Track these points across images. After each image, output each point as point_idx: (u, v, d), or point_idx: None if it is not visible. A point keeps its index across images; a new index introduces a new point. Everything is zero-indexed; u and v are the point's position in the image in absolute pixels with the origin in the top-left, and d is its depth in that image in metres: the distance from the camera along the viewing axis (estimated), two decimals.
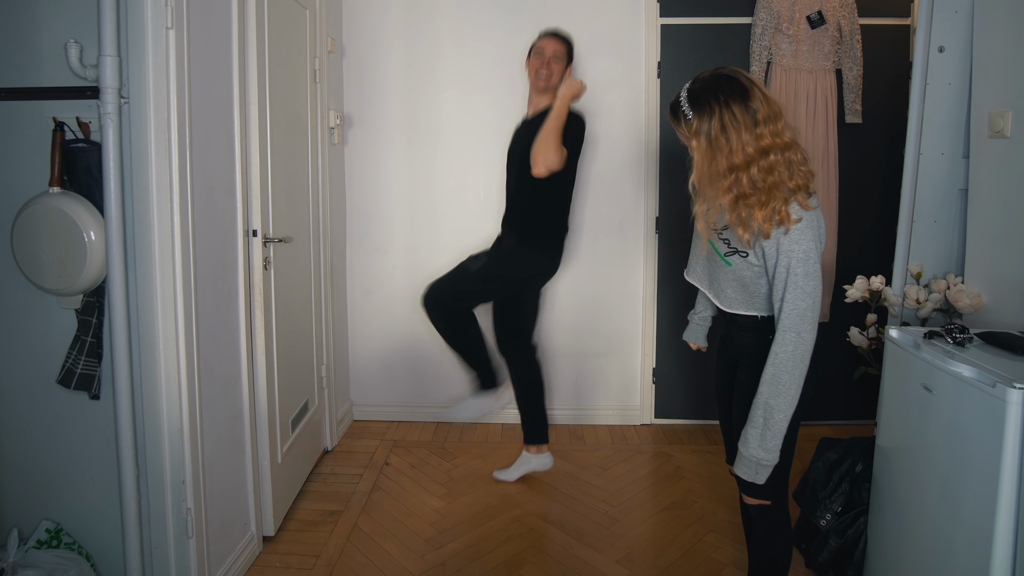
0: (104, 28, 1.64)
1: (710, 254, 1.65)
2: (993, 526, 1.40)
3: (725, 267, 1.58)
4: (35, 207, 1.70)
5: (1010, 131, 1.93)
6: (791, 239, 1.44)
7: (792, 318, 1.45)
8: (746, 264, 1.53)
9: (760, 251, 1.49)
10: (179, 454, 1.83)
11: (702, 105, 1.46)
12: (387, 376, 3.41)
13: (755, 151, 1.42)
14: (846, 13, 3.03)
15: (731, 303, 1.62)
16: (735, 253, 1.55)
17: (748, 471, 1.54)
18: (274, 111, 2.34)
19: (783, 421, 1.49)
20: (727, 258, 1.57)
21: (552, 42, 2.52)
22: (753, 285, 1.55)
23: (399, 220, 3.33)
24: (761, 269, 1.51)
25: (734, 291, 1.60)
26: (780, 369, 1.47)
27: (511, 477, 2.76)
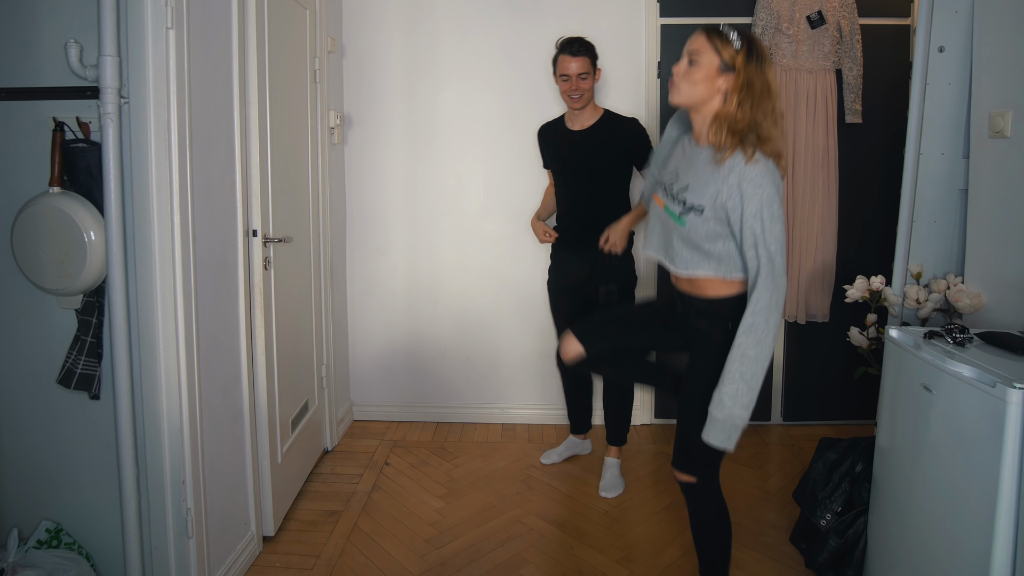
0: (104, 28, 1.64)
1: (664, 219, 1.69)
2: (993, 526, 1.40)
3: (679, 228, 1.62)
4: (35, 207, 1.70)
5: (1010, 131, 1.93)
6: (754, 184, 1.50)
7: (766, 263, 1.50)
8: (701, 220, 1.57)
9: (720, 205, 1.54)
10: (179, 454, 1.83)
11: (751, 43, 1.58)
12: (387, 376, 3.41)
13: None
14: (846, 13, 3.03)
15: (686, 263, 1.64)
16: (690, 211, 1.59)
17: (721, 435, 1.56)
18: (274, 111, 2.34)
19: (760, 374, 1.53)
20: (681, 217, 1.61)
21: (575, 62, 2.50)
22: (708, 243, 1.59)
23: (399, 220, 3.33)
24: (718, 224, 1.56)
25: (688, 251, 1.63)
26: (758, 318, 1.51)
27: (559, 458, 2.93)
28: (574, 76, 2.51)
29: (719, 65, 1.58)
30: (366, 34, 3.23)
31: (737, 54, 1.57)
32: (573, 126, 2.64)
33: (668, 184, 1.70)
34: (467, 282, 3.32)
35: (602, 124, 2.61)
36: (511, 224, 3.26)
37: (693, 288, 1.69)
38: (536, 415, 3.37)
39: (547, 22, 3.15)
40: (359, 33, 3.23)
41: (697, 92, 1.60)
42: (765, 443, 3.15)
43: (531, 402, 3.35)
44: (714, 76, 1.59)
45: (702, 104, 1.62)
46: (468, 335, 3.35)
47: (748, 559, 2.24)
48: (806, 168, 3.05)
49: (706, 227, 1.57)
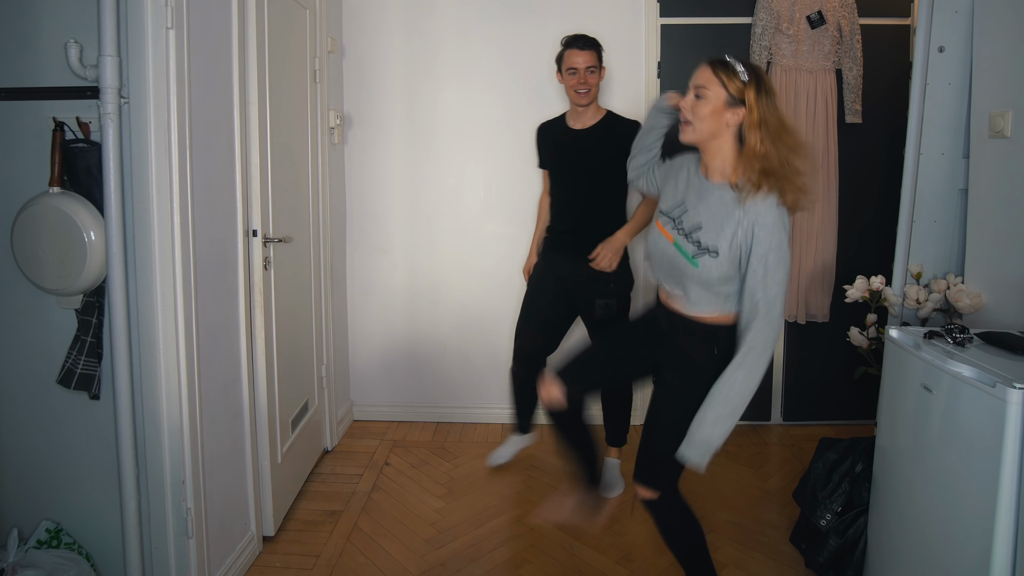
0: (104, 28, 1.64)
1: (674, 257, 1.65)
2: (993, 526, 1.40)
3: (691, 269, 1.59)
4: (35, 207, 1.70)
5: (1010, 131, 1.93)
6: (767, 230, 1.50)
7: (769, 306, 1.51)
8: (715, 264, 1.55)
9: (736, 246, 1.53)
10: (179, 454, 1.83)
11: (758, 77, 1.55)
12: (387, 376, 3.41)
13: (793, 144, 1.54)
14: (846, 13, 3.03)
15: (696, 303, 1.63)
16: (704, 254, 1.57)
17: (696, 455, 1.56)
18: (274, 111, 2.34)
19: (744, 405, 1.54)
20: (695, 259, 1.58)
21: (583, 55, 2.47)
22: (719, 286, 1.58)
23: (399, 220, 3.33)
24: (731, 268, 1.55)
25: (698, 293, 1.61)
26: (752, 355, 1.52)
27: None
28: (582, 69, 2.46)
29: (726, 99, 1.55)
30: (366, 34, 3.23)
31: (745, 87, 1.54)
32: (575, 125, 2.60)
33: (676, 217, 1.67)
34: (467, 282, 3.32)
35: (604, 124, 2.56)
36: (511, 224, 3.26)
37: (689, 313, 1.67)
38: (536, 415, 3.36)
39: (547, 22, 3.15)
40: (359, 33, 3.23)
41: (705, 127, 1.58)
42: (765, 443, 3.15)
43: None
44: (721, 110, 1.56)
45: (711, 139, 1.60)
46: (468, 335, 3.35)
47: (748, 559, 2.24)
48: None
49: (720, 271, 1.56)
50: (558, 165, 2.64)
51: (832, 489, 2.12)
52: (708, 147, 1.62)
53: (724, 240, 1.54)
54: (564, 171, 2.63)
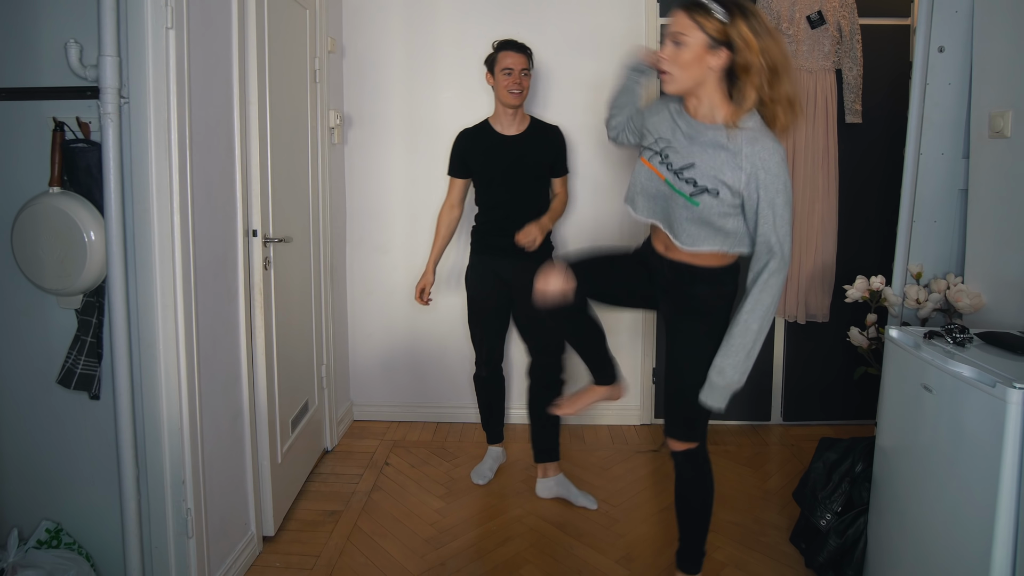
0: (104, 28, 1.64)
1: (666, 194, 1.62)
2: (993, 526, 1.40)
3: (690, 207, 1.57)
4: (35, 207, 1.70)
5: (1010, 131, 1.93)
6: (772, 174, 1.50)
7: (782, 247, 1.54)
8: (716, 202, 1.55)
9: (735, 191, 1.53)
10: (179, 454, 1.83)
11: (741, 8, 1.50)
12: (387, 376, 3.41)
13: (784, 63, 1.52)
14: (846, 13, 3.03)
15: (693, 240, 1.60)
16: (703, 192, 1.55)
17: (719, 398, 1.61)
18: (274, 111, 2.34)
19: (760, 344, 1.58)
20: (693, 198, 1.57)
21: (520, 57, 2.54)
22: (719, 221, 1.57)
23: (399, 220, 3.33)
24: (732, 206, 1.55)
25: (697, 228, 1.59)
26: (765, 295, 1.55)
27: None
28: (517, 71, 2.52)
29: (707, 42, 1.51)
30: (366, 34, 3.23)
31: (726, 25, 1.49)
32: (506, 131, 2.63)
33: (663, 153, 1.63)
34: None
35: (533, 129, 2.66)
36: None
37: (692, 259, 1.66)
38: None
39: (547, 22, 3.15)
40: (359, 33, 3.23)
41: (688, 75, 1.54)
42: (765, 443, 3.15)
43: None
44: (703, 55, 1.51)
45: (697, 87, 1.57)
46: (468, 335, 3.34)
47: (748, 559, 2.24)
48: (806, 168, 3.05)
49: (721, 207, 1.56)
50: (491, 171, 2.64)
51: (832, 489, 2.12)
52: (696, 95, 1.59)
53: (725, 182, 1.54)
54: (497, 176, 2.63)
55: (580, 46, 3.16)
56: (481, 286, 2.70)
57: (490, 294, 2.68)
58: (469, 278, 2.75)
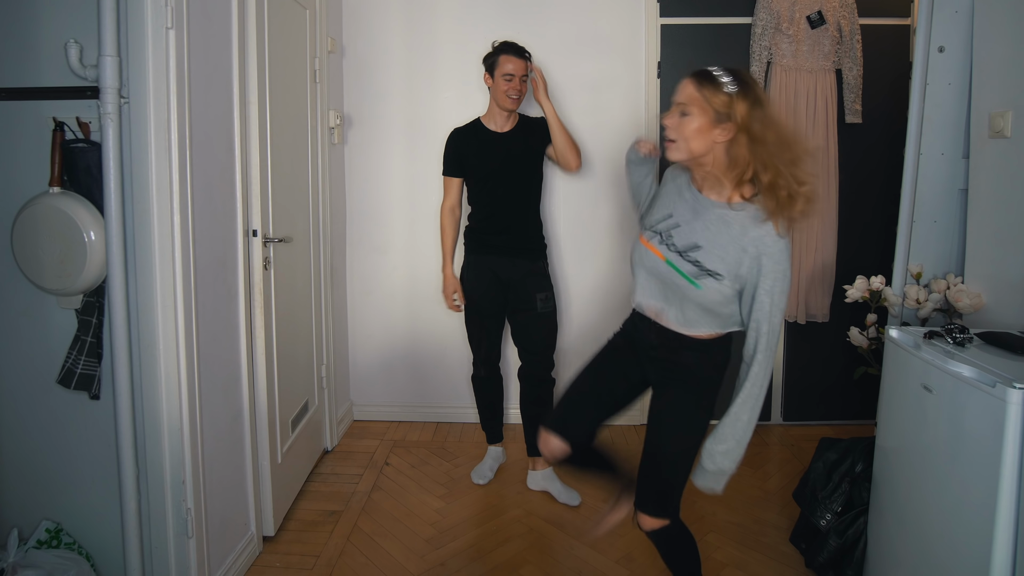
0: (104, 28, 1.64)
1: (667, 275, 1.56)
2: (993, 526, 1.40)
3: (692, 290, 1.51)
4: (35, 207, 1.70)
5: (1010, 131, 1.93)
6: (775, 259, 1.44)
7: (771, 336, 1.48)
8: (719, 288, 1.48)
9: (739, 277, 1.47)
10: (179, 454, 1.83)
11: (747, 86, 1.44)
12: (387, 376, 3.41)
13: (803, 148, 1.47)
14: (846, 13, 3.03)
15: (691, 325, 1.57)
16: (707, 276, 1.49)
17: (712, 483, 1.57)
18: (274, 111, 2.34)
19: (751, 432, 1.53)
20: (696, 281, 1.50)
21: (520, 62, 2.55)
22: (719, 307, 1.52)
23: (399, 220, 3.33)
24: (733, 294, 1.49)
25: (698, 314, 1.55)
26: (755, 387, 1.50)
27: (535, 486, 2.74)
28: (518, 77, 2.54)
29: (713, 116, 1.44)
30: (366, 34, 3.23)
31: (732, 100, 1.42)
32: (499, 128, 2.65)
33: (663, 232, 1.58)
34: None
35: (522, 124, 2.67)
36: None
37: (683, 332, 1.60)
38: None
39: (547, 22, 3.15)
40: (359, 33, 3.23)
41: (693, 147, 1.48)
42: (765, 443, 3.15)
43: None
44: (708, 128, 1.45)
45: (703, 158, 1.50)
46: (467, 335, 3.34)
47: (748, 559, 2.24)
48: None
49: (723, 294, 1.49)
50: (485, 168, 2.64)
51: (832, 489, 2.12)
52: (701, 166, 1.52)
53: (729, 266, 1.48)
54: (492, 174, 2.64)
55: (580, 46, 3.16)
56: (478, 285, 2.69)
57: (486, 293, 2.68)
58: (465, 278, 2.74)
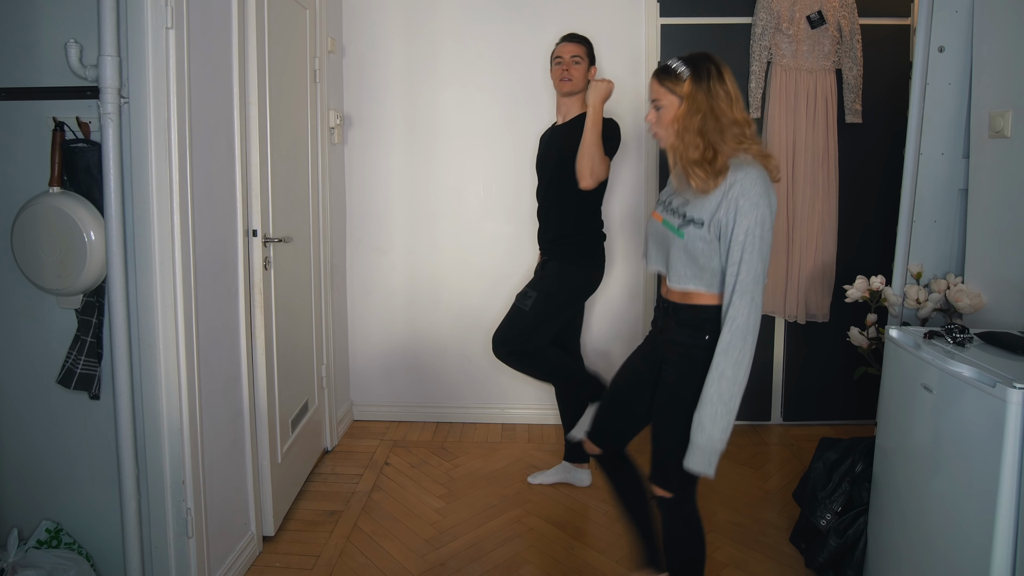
0: (104, 28, 1.64)
1: (663, 232, 1.67)
2: (993, 526, 1.40)
3: (677, 240, 1.60)
4: (35, 207, 1.70)
5: (1010, 131, 1.93)
6: (751, 202, 1.49)
7: (747, 281, 1.49)
8: (699, 235, 1.55)
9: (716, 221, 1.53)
10: (179, 454, 1.83)
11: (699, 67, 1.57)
12: (387, 376, 3.41)
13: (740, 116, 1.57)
14: (846, 13, 3.03)
15: (681, 278, 1.61)
16: (690, 223, 1.57)
17: (702, 461, 1.54)
18: (274, 111, 2.34)
19: (737, 396, 1.51)
20: (680, 229, 1.59)
21: (569, 46, 2.51)
22: (703, 257, 1.56)
23: (399, 220, 3.33)
24: (713, 242, 1.54)
25: (684, 265, 1.60)
26: (735, 335, 1.49)
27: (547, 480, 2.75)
28: (567, 58, 2.50)
29: (678, 104, 1.59)
30: (366, 34, 3.23)
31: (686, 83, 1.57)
32: (558, 120, 2.61)
33: (667, 200, 1.71)
34: (467, 282, 3.32)
35: (576, 120, 2.53)
36: (511, 224, 3.26)
37: (680, 297, 1.65)
38: (536, 415, 3.37)
39: (547, 22, 3.15)
40: (359, 33, 3.23)
41: (671, 135, 1.61)
42: (765, 443, 3.15)
43: (531, 402, 3.35)
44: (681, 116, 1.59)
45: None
46: (468, 335, 3.35)
47: (748, 559, 2.24)
48: (806, 168, 3.05)
49: (703, 242, 1.55)
50: (537, 165, 2.64)
51: (832, 489, 2.12)
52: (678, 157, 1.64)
53: (708, 211, 1.54)
54: (537, 163, 2.64)
55: None
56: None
57: None
58: None
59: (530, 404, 3.36)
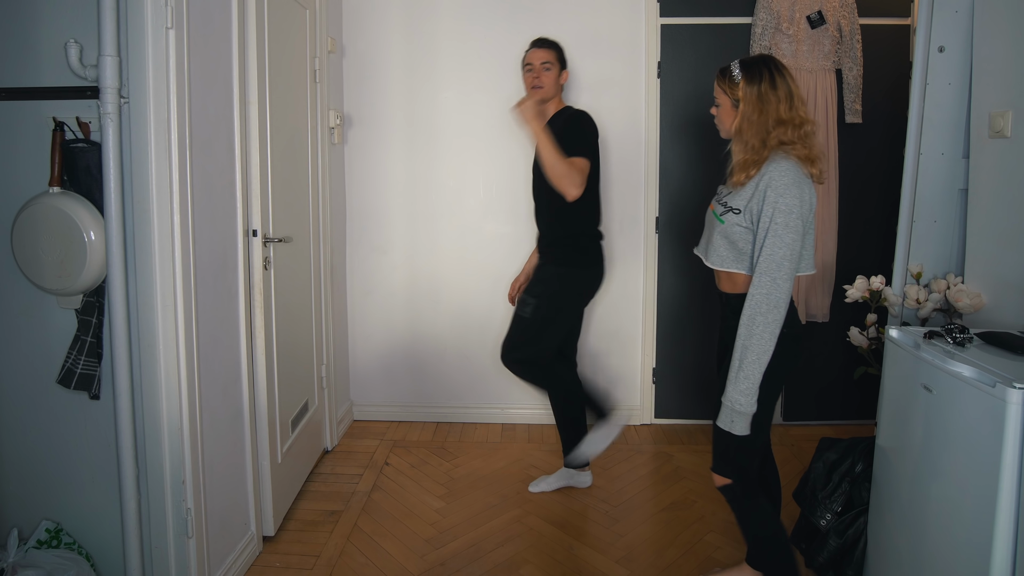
0: (104, 28, 1.64)
1: (710, 219, 1.83)
2: (993, 526, 1.40)
3: (718, 224, 1.76)
4: (35, 207, 1.70)
5: (1010, 131, 1.93)
6: (778, 192, 1.62)
7: (768, 262, 1.63)
8: (737, 220, 1.71)
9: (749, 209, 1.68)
10: (179, 454, 1.83)
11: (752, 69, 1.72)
12: (387, 376, 3.41)
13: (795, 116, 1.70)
14: (846, 13, 3.03)
15: (720, 260, 1.76)
16: (729, 211, 1.74)
17: (725, 419, 1.70)
18: (274, 111, 2.34)
19: (756, 364, 1.64)
20: (721, 216, 1.76)
21: (539, 52, 2.50)
22: (741, 241, 1.72)
23: (399, 220, 3.33)
24: (750, 228, 1.69)
25: (724, 248, 1.75)
26: (755, 310, 1.64)
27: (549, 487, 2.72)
28: (537, 64, 2.48)
29: (731, 103, 1.76)
30: (366, 34, 3.23)
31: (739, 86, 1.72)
32: None
33: (721, 192, 1.85)
34: (467, 282, 3.32)
35: (553, 120, 2.48)
36: (511, 224, 3.26)
37: (729, 286, 1.80)
38: (536, 415, 3.37)
39: (547, 22, 3.15)
40: (359, 33, 3.23)
41: (724, 128, 1.81)
42: None
43: (531, 402, 3.35)
44: (732, 113, 1.76)
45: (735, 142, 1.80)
46: (468, 335, 3.35)
47: None
48: None
49: (740, 225, 1.70)
50: (533, 166, 2.61)
51: (832, 489, 2.12)
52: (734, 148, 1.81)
53: (745, 200, 1.69)
54: (533, 170, 2.61)
55: (580, 46, 3.16)
56: None
57: None
58: None
59: (530, 404, 3.36)
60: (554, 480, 2.72)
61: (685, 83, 3.16)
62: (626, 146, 3.22)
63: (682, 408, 3.37)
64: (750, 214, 1.68)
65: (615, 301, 3.31)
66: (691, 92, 3.17)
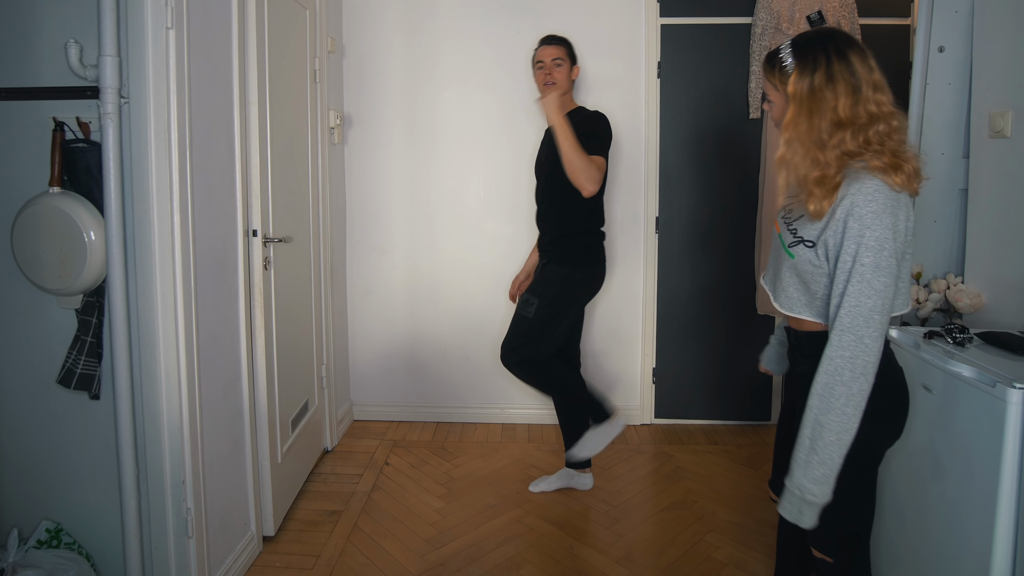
0: (104, 28, 1.64)
1: (776, 247, 1.44)
2: (993, 526, 1.40)
3: (788, 259, 1.37)
4: (35, 207, 1.70)
5: (1010, 131, 1.93)
6: (863, 222, 1.22)
7: (853, 316, 1.22)
8: (810, 256, 1.31)
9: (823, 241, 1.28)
10: (179, 454, 1.83)
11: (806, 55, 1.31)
12: (387, 376, 3.41)
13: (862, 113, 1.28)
14: (846, 13, 3.03)
15: (791, 304, 1.39)
16: (800, 243, 1.33)
17: (791, 508, 1.29)
18: (274, 111, 2.34)
19: (835, 447, 1.24)
20: (791, 249, 1.35)
21: (549, 48, 2.49)
22: (814, 283, 1.33)
23: (399, 220, 3.33)
24: (823, 265, 1.30)
25: (795, 289, 1.38)
26: (834, 379, 1.24)
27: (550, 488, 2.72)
28: (548, 61, 2.48)
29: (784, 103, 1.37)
30: (366, 34, 3.23)
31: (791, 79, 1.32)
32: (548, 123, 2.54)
33: (787, 209, 1.45)
34: (467, 281, 3.32)
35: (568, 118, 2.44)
36: (511, 223, 3.26)
37: (799, 324, 1.43)
38: (536, 415, 3.37)
39: (547, 22, 3.15)
40: (359, 33, 3.23)
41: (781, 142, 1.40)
42: (765, 443, 3.15)
43: (531, 402, 3.35)
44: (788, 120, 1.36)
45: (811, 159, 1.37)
46: (468, 335, 3.35)
47: (748, 559, 2.24)
48: None
49: (812, 262, 1.31)
50: (536, 165, 2.63)
51: None
52: None
53: (819, 231, 1.29)
54: (536, 165, 2.63)
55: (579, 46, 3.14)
56: None
57: None
58: None
59: (530, 404, 3.36)
60: (554, 480, 2.72)
61: (685, 83, 3.16)
62: (626, 146, 3.22)
63: (682, 408, 3.37)
64: (824, 247, 1.28)
65: (615, 301, 3.31)
66: (691, 92, 3.17)
